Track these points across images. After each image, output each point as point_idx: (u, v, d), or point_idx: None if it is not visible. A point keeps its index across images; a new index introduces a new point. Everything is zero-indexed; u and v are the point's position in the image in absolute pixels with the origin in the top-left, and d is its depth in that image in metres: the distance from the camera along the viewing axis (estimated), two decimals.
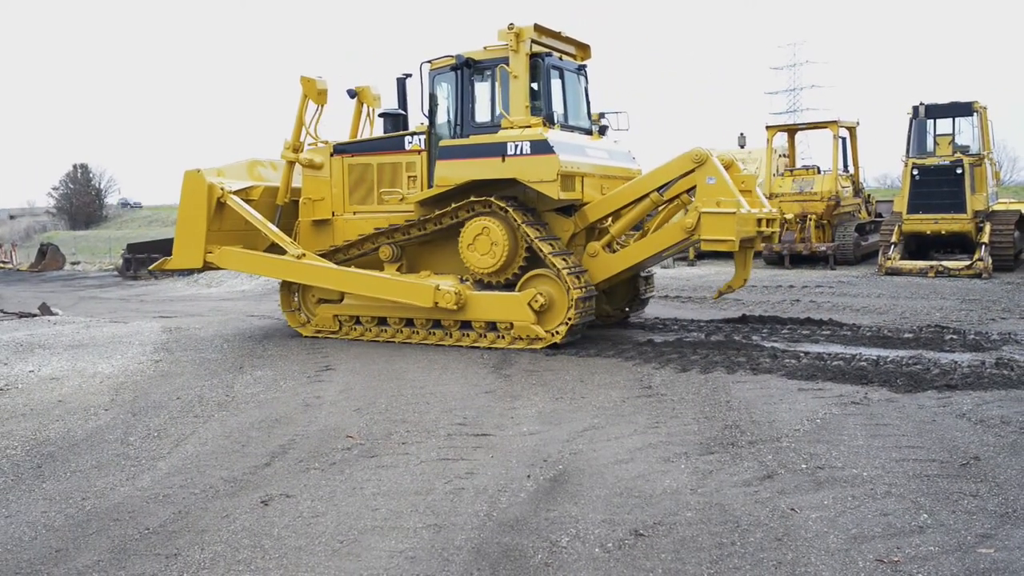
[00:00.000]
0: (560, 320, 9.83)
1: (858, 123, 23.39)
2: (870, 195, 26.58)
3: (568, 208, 10.37)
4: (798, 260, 21.28)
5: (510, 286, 10.25)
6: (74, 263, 38.78)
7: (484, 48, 10.35)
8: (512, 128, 9.97)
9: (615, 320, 11.74)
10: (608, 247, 10.31)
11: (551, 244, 9.97)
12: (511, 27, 9.96)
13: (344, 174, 11.58)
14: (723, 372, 8.26)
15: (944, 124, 19.62)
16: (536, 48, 10.13)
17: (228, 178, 11.65)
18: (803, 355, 8.90)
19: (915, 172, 18.86)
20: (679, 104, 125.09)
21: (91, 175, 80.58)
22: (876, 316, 12.14)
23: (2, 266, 37.47)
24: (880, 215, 25.16)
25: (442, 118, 10.88)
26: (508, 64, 10.03)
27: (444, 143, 10.50)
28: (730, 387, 7.61)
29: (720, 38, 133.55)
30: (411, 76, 11.45)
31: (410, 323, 10.83)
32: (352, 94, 12.39)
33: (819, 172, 22.24)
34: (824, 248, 20.87)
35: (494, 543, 4.37)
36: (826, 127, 22.92)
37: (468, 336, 10.33)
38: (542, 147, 9.67)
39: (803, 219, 21.22)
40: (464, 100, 10.48)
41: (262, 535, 4.58)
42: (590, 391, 7.68)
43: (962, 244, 19.08)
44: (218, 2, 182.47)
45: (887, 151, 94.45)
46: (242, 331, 12.43)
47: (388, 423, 6.79)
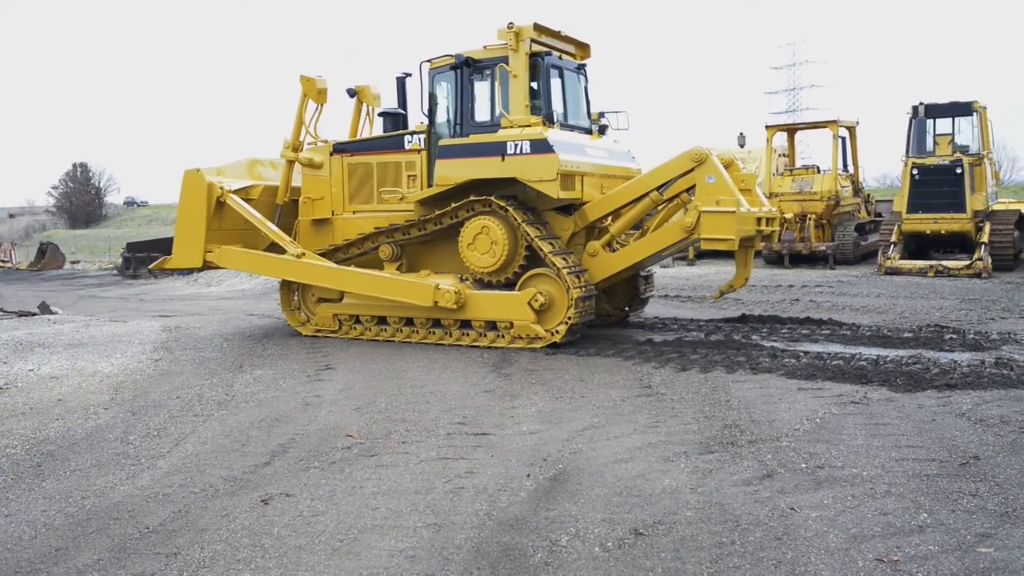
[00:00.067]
0: (560, 319, 9.83)
1: (858, 123, 23.40)
2: (870, 195, 26.60)
3: (568, 207, 10.37)
4: (798, 260, 21.28)
5: (510, 285, 10.25)
6: (74, 262, 38.78)
7: (484, 47, 10.34)
8: (512, 127, 9.97)
9: (615, 319, 11.74)
10: (608, 246, 10.31)
11: (551, 243, 9.97)
12: (511, 26, 9.96)
13: (344, 173, 11.58)
14: (723, 371, 8.26)
15: (944, 124, 19.62)
16: (536, 47, 10.13)
17: (228, 177, 11.65)
18: (803, 355, 8.90)
19: (915, 172, 18.87)
20: (679, 104, 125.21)
21: (91, 174, 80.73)
22: (876, 316, 12.15)
23: (2, 265, 37.46)
24: (880, 215, 25.18)
25: (442, 117, 10.88)
26: (508, 63, 10.03)
27: (444, 142, 10.51)
28: (730, 386, 7.61)
29: (720, 38, 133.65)
30: (411, 75, 11.47)
31: (410, 322, 10.83)
32: (352, 93, 12.39)
33: (819, 172, 22.24)
34: (824, 248, 20.87)
35: (494, 542, 4.37)
36: (826, 127, 22.92)
37: (468, 335, 10.33)
38: (542, 146, 9.68)
39: (803, 219, 21.22)
40: (464, 99, 10.47)
41: (262, 534, 4.58)
42: (590, 390, 7.68)
43: (962, 244, 19.08)
44: (218, 2, 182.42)
45: (887, 151, 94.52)
46: (242, 330, 12.43)
47: (388, 422, 6.79)
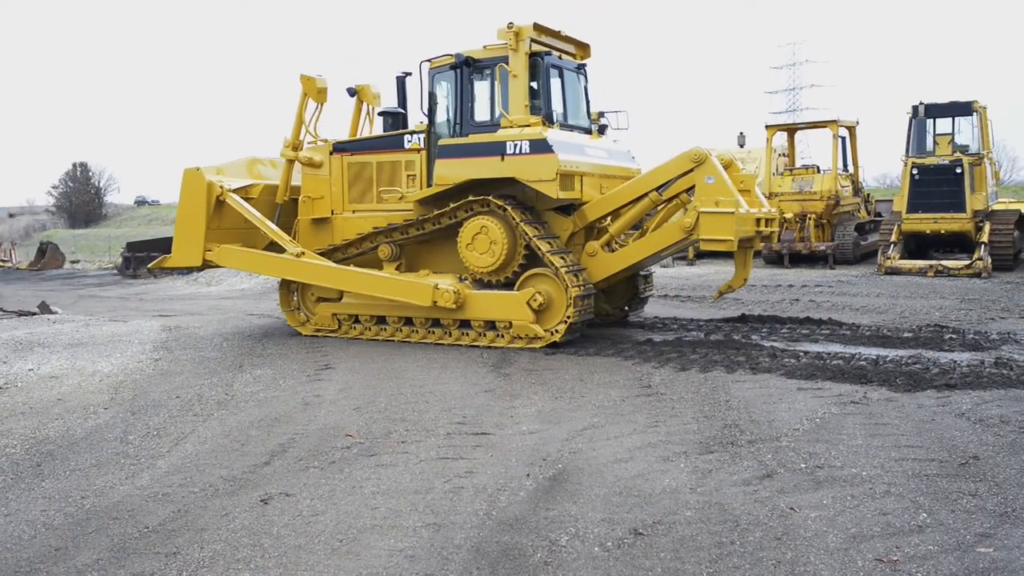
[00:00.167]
0: (559, 319, 9.83)
1: (858, 122, 23.40)
2: (869, 194, 26.61)
3: (567, 207, 10.37)
4: (797, 259, 21.28)
5: (509, 285, 10.25)
6: (73, 262, 38.76)
7: (484, 47, 10.34)
8: (511, 127, 9.97)
9: (614, 319, 11.74)
10: (607, 246, 10.31)
11: (549, 242, 9.97)
12: (511, 26, 9.96)
13: (343, 172, 11.58)
14: (722, 371, 8.26)
15: (944, 124, 19.63)
16: (535, 47, 10.13)
17: (227, 176, 11.65)
18: (802, 354, 8.90)
19: (915, 171, 18.87)
20: (679, 104, 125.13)
21: (91, 173, 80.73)
22: (875, 315, 12.15)
23: (2, 264, 37.46)
24: (879, 214, 25.19)
25: (441, 117, 10.88)
26: (507, 63, 10.02)
27: (443, 142, 10.50)
28: (729, 386, 7.61)
29: (720, 38, 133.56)
30: (411, 75, 11.47)
31: (409, 322, 10.83)
32: (352, 92, 12.39)
33: (819, 171, 22.25)
34: (823, 247, 20.87)
35: (493, 542, 4.37)
36: (826, 126, 22.93)
37: (467, 335, 10.32)
38: (541, 146, 9.67)
39: (803, 218, 21.23)
40: (463, 99, 10.47)
41: (261, 534, 4.58)
42: (589, 390, 7.68)
43: (961, 244, 19.08)
44: (218, 2, 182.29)
45: (887, 150, 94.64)
46: (241, 330, 12.42)
47: (387, 422, 6.79)
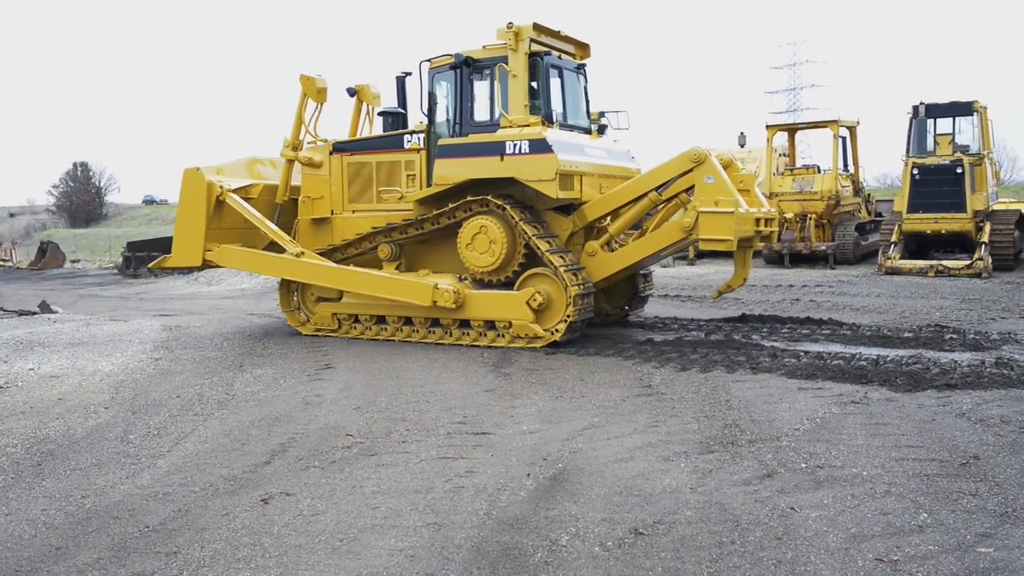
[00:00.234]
0: (559, 318, 9.83)
1: (858, 122, 23.40)
2: (870, 194, 26.60)
3: (567, 207, 10.37)
4: (798, 259, 21.27)
5: (509, 285, 10.25)
6: (74, 261, 38.74)
7: (483, 47, 10.34)
8: (511, 127, 9.97)
9: (615, 319, 11.74)
10: (607, 246, 10.31)
11: (548, 241, 9.97)
12: (510, 26, 9.95)
13: (343, 172, 11.58)
14: (723, 371, 8.26)
15: (944, 124, 19.62)
16: (535, 47, 10.13)
17: (227, 176, 11.65)
18: (803, 354, 8.90)
19: (915, 171, 18.87)
20: (679, 104, 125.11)
21: (91, 173, 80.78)
22: (876, 315, 12.15)
23: (2, 264, 37.45)
24: (880, 214, 25.18)
25: (441, 117, 10.88)
26: (507, 63, 10.02)
27: (443, 142, 10.50)
28: (730, 386, 7.61)
29: (720, 38, 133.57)
30: (410, 75, 11.46)
31: (409, 322, 10.83)
32: (352, 92, 12.39)
33: (819, 171, 22.24)
34: (824, 247, 20.86)
35: (494, 541, 4.37)
36: (826, 126, 22.92)
37: (468, 335, 10.32)
38: (540, 146, 9.67)
39: (803, 218, 21.22)
40: (463, 99, 10.47)
41: (262, 533, 4.58)
42: (590, 390, 7.68)
43: (962, 244, 19.08)
44: (218, 2, 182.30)
45: (887, 150, 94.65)
46: (242, 329, 12.43)
47: (388, 421, 6.79)
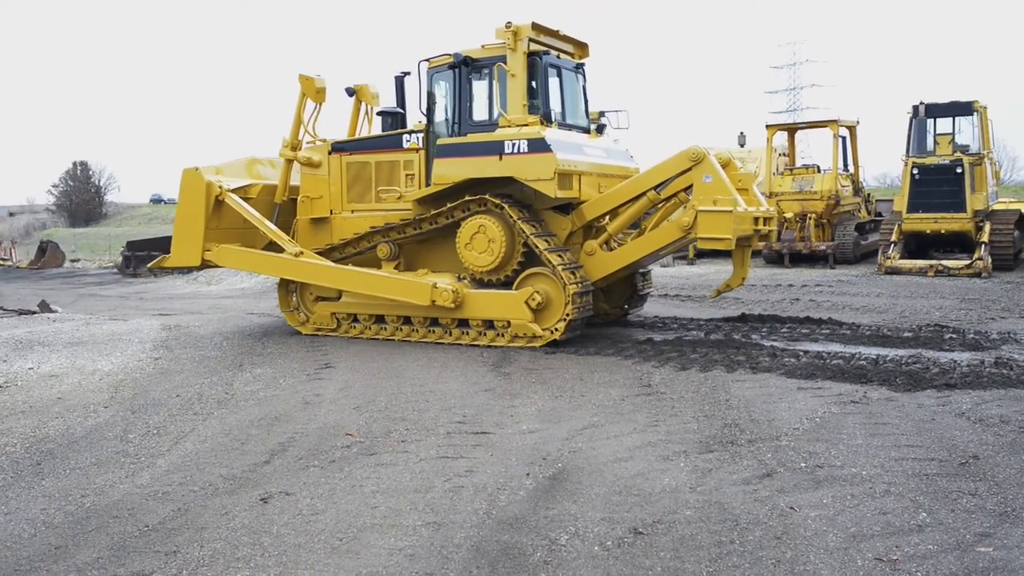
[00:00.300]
0: (558, 317, 9.83)
1: (858, 122, 23.40)
2: (870, 194, 26.61)
3: (566, 206, 10.37)
4: (798, 259, 21.26)
5: (508, 284, 10.25)
6: (74, 260, 38.73)
7: (482, 46, 10.34)
8: (510, 126, 9.97)
9: (614, 318, 11.74)
10: (605, 245, 10.31)
11: (547, 240, 9.97)
12: (509, 25, 9.95)
13: (342, 172, 11.58)
14: (722, 371, 8.26)
15: (944, 123, 19.62)
16: (534, 47, 10.13)
17: (226, 176, 11.65)
18: (802, 354, 8.90)
19: (915, 171, 18.86)
20: (679, 104, 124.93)
21: (91, 172, 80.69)
22: (875, 315, 12.15)
23: (2, 263, 37.44)
24: (880, 214, 25.18)
25: (440, 116, 10.88)
26: (506, 62, 10.02)
27: (442, 141, 10.50)
28: (729, 386, 7.61)
29: (720, 38, 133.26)
30: (409, 74, 11.46)
31: (408, 321, 10.83)
32: (351, 92, 12.39)
33: (819, 171, 22.24)
34: (824, 247, 20.85)
35: (493, 541, 4.37)
36: (826, 126, 22.93)
37: (467, 334, 10.32)
38: (539, 145, 9.67)
39: (803, 218, 21.22)
40: (462, 98, 10.47)
41: (261, 532, 4.58)
42: (589, 389, 7.68)
43: (962, 243, 19.07)
44: (218, 2, 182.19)
45: (887, 150, 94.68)
46: (241, 329, 12.42)
47: (387, 421, 6.79)
